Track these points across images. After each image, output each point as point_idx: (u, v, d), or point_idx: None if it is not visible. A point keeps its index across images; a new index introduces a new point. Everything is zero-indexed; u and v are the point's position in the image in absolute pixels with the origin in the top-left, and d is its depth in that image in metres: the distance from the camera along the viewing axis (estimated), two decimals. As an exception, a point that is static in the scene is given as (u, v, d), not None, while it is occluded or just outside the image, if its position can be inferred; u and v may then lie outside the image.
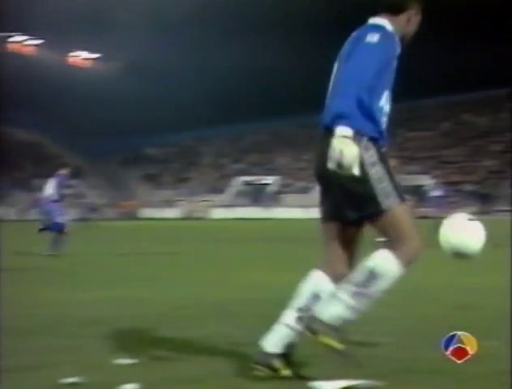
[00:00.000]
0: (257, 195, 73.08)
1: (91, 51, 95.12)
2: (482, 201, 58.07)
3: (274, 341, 4.21)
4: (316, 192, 4.29)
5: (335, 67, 4.28)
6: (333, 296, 4.09)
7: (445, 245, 4.28)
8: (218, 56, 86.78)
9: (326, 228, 4.31)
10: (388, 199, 4.08)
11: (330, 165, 3.87)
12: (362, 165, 4.00)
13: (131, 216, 70.39)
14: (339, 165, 3.84)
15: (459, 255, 4.26)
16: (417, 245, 4.09)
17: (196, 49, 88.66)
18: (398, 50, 4.21)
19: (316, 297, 4.21)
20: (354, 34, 4.23)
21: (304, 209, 58.19)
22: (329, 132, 3.97)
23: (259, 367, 4.18)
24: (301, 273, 4.35)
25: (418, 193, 42.20)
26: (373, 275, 4.04)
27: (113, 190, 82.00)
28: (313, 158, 4.29)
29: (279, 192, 74.11)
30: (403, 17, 4.35)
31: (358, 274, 4.06)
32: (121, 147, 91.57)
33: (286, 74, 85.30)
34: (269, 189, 74.75)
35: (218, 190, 76.92)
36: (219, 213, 68.78)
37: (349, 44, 4.20)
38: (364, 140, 4.03)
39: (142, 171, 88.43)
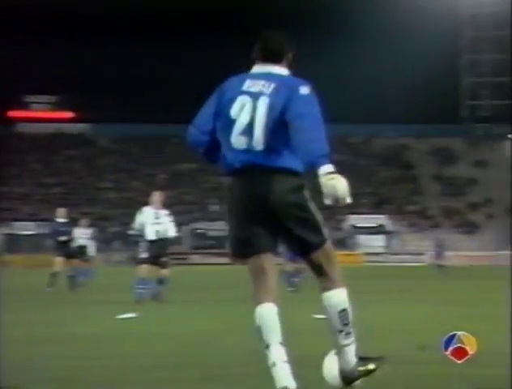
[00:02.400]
0: None
1: None
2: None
3: None
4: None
5: (247, 104, 4.42)
6: (339, 349, 4.48)
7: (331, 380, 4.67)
8: None
9: (259, 260, 4.46)
10: (324, 230, 4.51)
11: (327, 201, 4.15)
12: (305, 199, 4.45)
13: None
14: (335, 199, 4.14)
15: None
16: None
17: None
18: None
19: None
20: (267, 83, 4.40)
21: None
22: (270, 170, 4.35)
23: None
24: None
25: None
26: (346, 313, 4.48)
27: None
28: (243, 194, 4.43)
29: None
30: (284, 63, 4.57)
31: (335, 319, 4.45)
32: None
33: None
34: None
35: None
36: None
37: (274, 93, 4.36)
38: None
39: None
